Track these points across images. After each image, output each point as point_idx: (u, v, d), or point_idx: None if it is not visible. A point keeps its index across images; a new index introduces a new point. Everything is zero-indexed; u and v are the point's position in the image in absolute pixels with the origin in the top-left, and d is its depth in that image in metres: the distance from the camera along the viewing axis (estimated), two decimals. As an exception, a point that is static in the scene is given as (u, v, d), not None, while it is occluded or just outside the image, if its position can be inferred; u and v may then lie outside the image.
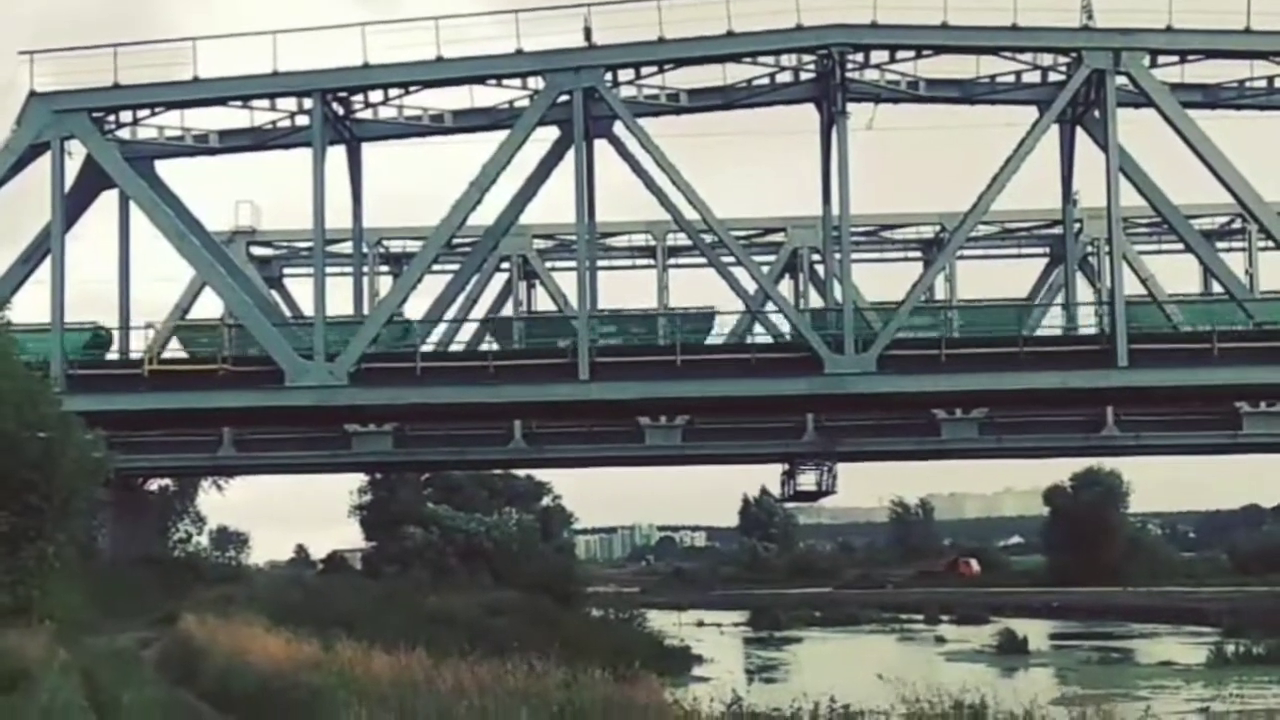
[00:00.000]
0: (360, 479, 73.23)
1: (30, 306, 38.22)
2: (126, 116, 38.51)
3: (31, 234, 37.94)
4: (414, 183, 64.09)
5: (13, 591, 22.92)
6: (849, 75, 36.17)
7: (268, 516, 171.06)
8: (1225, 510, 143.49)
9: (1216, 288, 39.88)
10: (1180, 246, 40.06)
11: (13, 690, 17.26)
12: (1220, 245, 46.45)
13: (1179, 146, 35.46)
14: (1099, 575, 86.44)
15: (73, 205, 37.79)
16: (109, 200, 38.50)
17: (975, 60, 37.48)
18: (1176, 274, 47.09)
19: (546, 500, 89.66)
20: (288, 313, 46.28)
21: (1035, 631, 58.77)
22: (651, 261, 51.49)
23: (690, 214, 37.02)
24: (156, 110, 38.64)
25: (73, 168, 37.62)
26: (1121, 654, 53.84)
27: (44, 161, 37.26)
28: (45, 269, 37.26)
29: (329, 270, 39.15)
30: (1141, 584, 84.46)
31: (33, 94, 36.99)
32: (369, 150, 39.51)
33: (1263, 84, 37.74)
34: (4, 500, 22.95)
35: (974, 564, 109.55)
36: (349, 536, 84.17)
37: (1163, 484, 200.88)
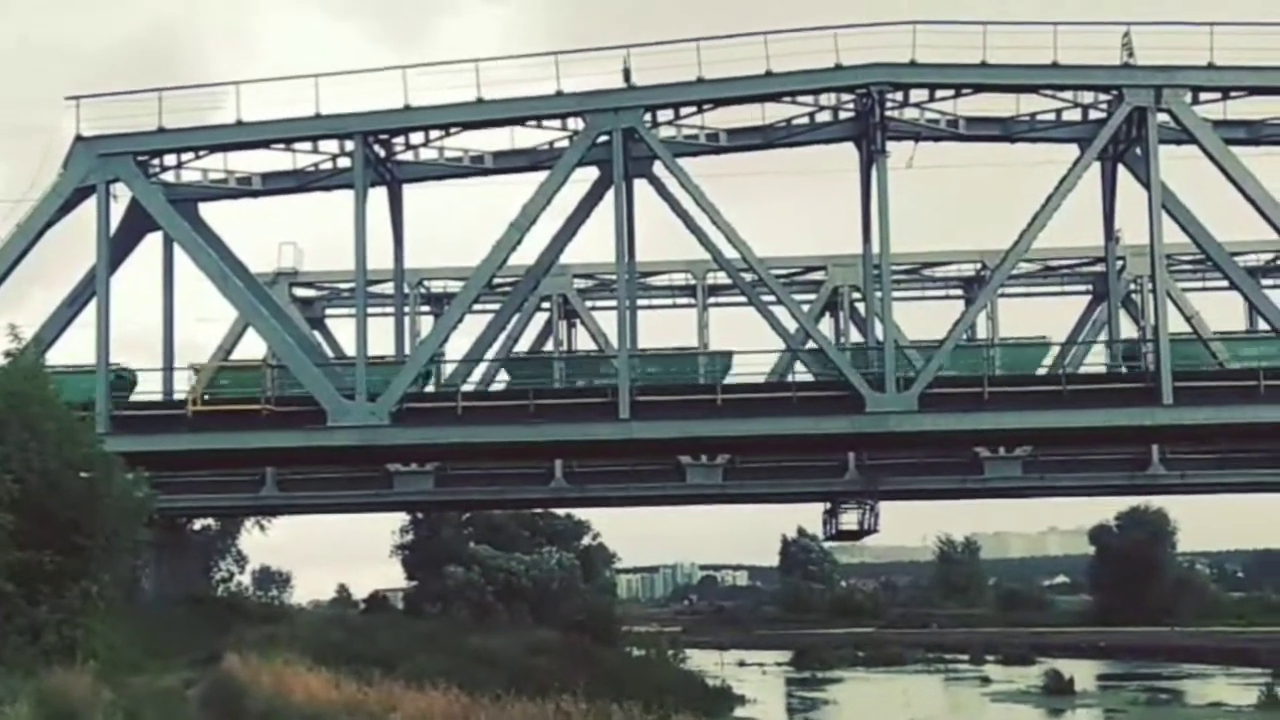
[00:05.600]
0: (402, 518, 73.52)
1: (76, 348, 38.65)
2: (171, 160, 38.84)
3: (77, 276, 38.35)
4: (454, 224, 64.39)
5: (58, 631, 22.97)
6: (888, 114, 36.13)
7: (310, 556, 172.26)
8: (1274, 549, 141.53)
9: (1262, 325, 39.48)
10: (1225, 284, 39.77)
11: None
12: (1266, 282, 46.05)
13: (1222, 183, 35.25)
14: (1146, 615, 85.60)
15: (117, 248, 38.15)
16: (153, 243, 38.87)
17: (1015, 98, 37.40)
18: (1221, 311, 46.79)
19: (587, 539, 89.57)
20: (330, 353, 46.53)
21: (1082, 672, 58.17)
22: (691, 300, 51.50)
23: (730, 253, 36.96)
24: (200, 153, 38.97)
25: (118, 211, 38.00)
26: (1170, 695, 53.29)
27: (89, 205, 37.64)
28: (90, 311, 37.61)
29: (371, 310, 39.30)
30: (1190, 624, 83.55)
31: (78, 138, 37.46)
32: (410, 191, 39.73)
33: (1307, 119, 37.47)
34: (49, 539, 23.04)
35: None
36: (391, 576, 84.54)
37: (1210, 522, 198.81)
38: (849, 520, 54.05)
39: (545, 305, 49.64)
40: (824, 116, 37.65)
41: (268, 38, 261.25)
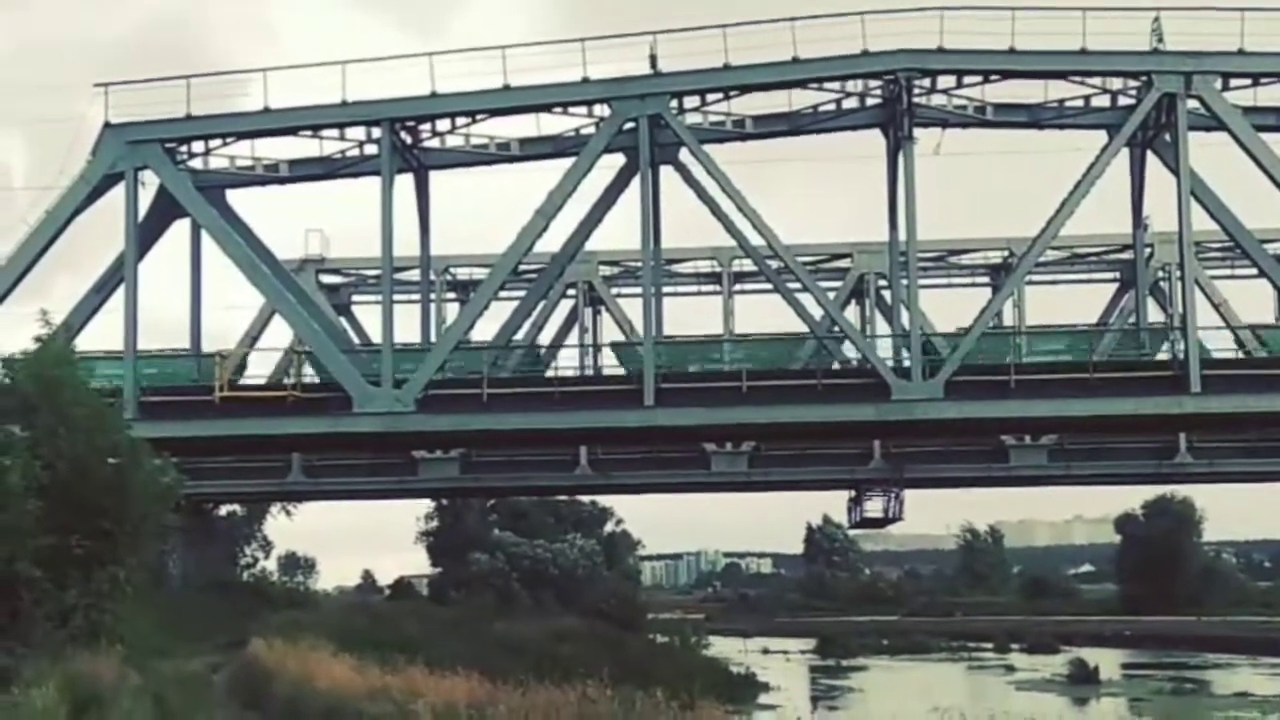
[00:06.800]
0: (427, 505, 73.83)
1: (104, 335, 38.83)
2: (198, 147, 38.98)
3: (105, 263, 38.51)
4: (481, 210, 64.49)
5: (86, 615, 23.12)
6: (915, 100, 35.95)
7: (335, 542, 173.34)
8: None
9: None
10: (1254, 271, 39.50)
11: (85, 714, 17.43)
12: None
13: (1252, 170, 35.00)
14: (1172, 604, 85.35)
15: (145, 234, 38.30)
16: (181, 229, 39.01)
17: (1043, 84, 37.19)
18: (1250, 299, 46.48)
19: (611, 526, 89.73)
20: (356, 340, 46.65)
21: (1107, 661, 57.99)
22: (717, 288, 51.43)
23: (756, 240, 36.89)
24: (228, 140, 39.07)
25: (146, 197, 38.14)
26: (1196, 685, 53.09)
27: (118, 191, 37.76)
28: (119, 297, 37.77)
29: (397, 297, 39.38)
30: (1216, 613, 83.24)
31: (107, 125, 37.57)
32: (436, 178, 39.76)
33: (1338, 106, 37.13)
34: (77, 525, 23.17)
35: None
36: (416, 562, 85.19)
37: (1237, 511, 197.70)
38: (874, 508, 53.97)
39: (571, 292, 49.65)
40: (851, 103, 37.50)
41: (282, 28, 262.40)
